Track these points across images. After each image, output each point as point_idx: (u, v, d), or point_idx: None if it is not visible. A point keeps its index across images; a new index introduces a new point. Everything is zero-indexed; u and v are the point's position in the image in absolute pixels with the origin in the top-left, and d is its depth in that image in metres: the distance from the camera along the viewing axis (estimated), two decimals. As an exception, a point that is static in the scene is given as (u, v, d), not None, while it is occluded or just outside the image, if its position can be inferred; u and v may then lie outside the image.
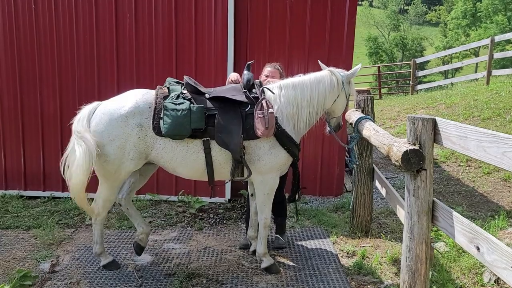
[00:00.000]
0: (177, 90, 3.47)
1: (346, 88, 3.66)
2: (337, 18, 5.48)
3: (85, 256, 4.01)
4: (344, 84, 3.63)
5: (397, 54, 49.10)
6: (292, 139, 3.47)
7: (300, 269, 3.79)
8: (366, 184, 4.41)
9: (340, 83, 3.61)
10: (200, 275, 3.64)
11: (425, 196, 2.52)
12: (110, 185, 3.51)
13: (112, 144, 3.34)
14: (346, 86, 3.65)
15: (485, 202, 5.35)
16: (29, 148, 5.76)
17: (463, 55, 38.50)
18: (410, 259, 2.63)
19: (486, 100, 9.18)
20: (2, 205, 5.38)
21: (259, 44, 5.58)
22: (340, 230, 4.61)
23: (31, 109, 5.68)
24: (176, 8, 5.40)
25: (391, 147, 2.74)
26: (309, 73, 3.69)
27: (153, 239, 4.43)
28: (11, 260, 3.90)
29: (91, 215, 3.69)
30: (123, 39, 5.49)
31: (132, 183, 3.81)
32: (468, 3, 47.18)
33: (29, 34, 5.55)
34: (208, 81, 5.15)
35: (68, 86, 5.61)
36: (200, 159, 3.41)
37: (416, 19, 60.43)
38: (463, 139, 2.19)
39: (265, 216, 3.65)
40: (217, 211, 5.31)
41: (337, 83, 3.60)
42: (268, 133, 3.28)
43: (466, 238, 2.20)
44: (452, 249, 3.86)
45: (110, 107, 3.41)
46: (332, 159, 5.76)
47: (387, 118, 10.49)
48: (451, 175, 6.36)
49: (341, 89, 3.62)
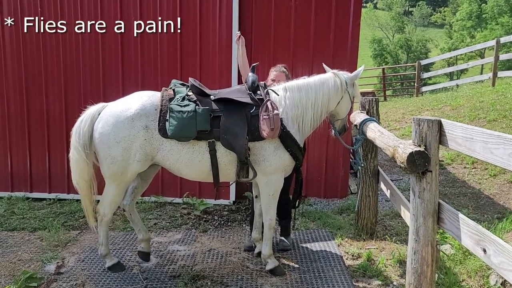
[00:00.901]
0: (182, 92, 3.49)
1: (350, 90, 3.66)
2: (341, 20, 5.48)
3: (90, 258, 4.02)
4: (347, 86, 3.63)
5: (401, 56, 48.94)
6: (296, 142, 3.47)
7: (305, 271, 3.78)
8: (371, 186, 4.39)
9: (343, 85, 3.61)
10: (205, 277, 3.64)
11: (430, 198, 2.50)
12: (116, 187, 3.52)
13: (118, 146, 3.36)
14: (349, 88, 3.65)
15: (491, 204, 5.31)
16: (35, 151, 5.80)
17: (468, 56, 38.34)
18: (415, 262, 2.61)
19: (492, 101, 9.13)
20: (8, 207, 5.41)
21: (264, 46, 5.58)
22: (345, 232, 4.59)
23: (37, 113, 5.72)
24: (180, 10, 5.41)
25: (396, 148, 2.72)
26: (314, 75, 3.70)
27: (158, 241, 4.44)
28: (17, 262, 3.92)
29: (89, 222, 3.73)
30: (128, 43, 5.52)
31: (134, 188, 3.83)
32: (473, 5, 47.02)
33: (35, 38, 5.59)
34: (212, 84, 5.17)
35: (74, 89, 5.64)
36: (205, 160, 3.42)
37: (421, 20, 60.29)
38: (469, 140, 2.18)
39: (270, 218, 3.65)
40: (222, 213, 5.31)
41: (340, 85, 3.60)
42: (273, 134, 3.29)
43: (473, 240, 2.19)
44: (458, 251, 3.84)
45: (116, 109, 3.43)
46: (336, 161, 5.74)
47: (392, 120, 10.46)
48: (457, 177, 6.32)
49: (345, 91, 3.63)
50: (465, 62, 31.45)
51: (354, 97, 3.75)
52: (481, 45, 16.24)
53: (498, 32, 38.64)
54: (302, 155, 3.59)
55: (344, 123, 3.86)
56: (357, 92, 3.79)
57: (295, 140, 3.46)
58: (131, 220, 3.91)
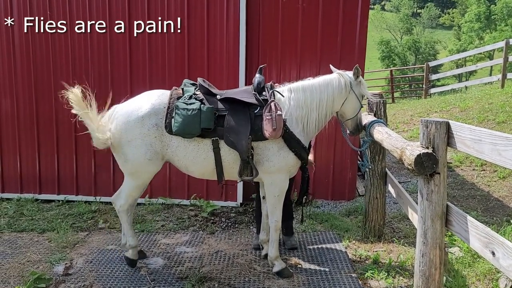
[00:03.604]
0: (190, 91, 3.56)
1: (357, 90, 3.64)
2: (349, 22, 5.46)
3: (98, 259, 4.04)
4: (352, 85, 3.61)
5: (410, 58, 48.73)
6: (300, 142, 3.48)
7: (312, 273, 3.77)
8: (379, 188, 4.37)
9: (348, 84, 3.60)
10: (212, 278, 3.64)
11: (438, 200, 2.49)
12: (134, 182, 3.64)
13: (130, 145, 3.47)
14: (355, 87, 3.63)
15: (500, 206, 5.26)
16: (44, 153, 5.84)
17: (477, 58, 38.08)
18: (423, 264, 2.60)
19: (501, 103, 9.05)
20: (17, 208, 5.46)
21: (271, 48, 5.58)
22: (353, 235, 4.57)
23: (46, 116, 5.76)
24: (188, 13, 5.44)
25: (404, 150, 2.71)
26: (319, 76, 3.71)
27: (166, 242, 4.45)
28: (25, 263, 3.95)
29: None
30: (136, 46, 5.56)
31: None
32: (482, 6, 46.70)
33: (44, 39, 5.64)
34: (220, 84, 5.18)
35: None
36: (209, 158, 3.48)
37: (429, 22, 60.03)
38: (477, 142, 2.16)
39: (276, 219, 3.66)
40: (229, 215, 5.32)
41: (345, 85, 3.59)
42: (275, 134, 3.31)
43: (481, 243, 2.17)
44: (467, 254, 3.81)
45: (127, 109, 3.54)
46: (344, 163, 5.72)
47: (400, 122, 10.41)
48: (465, 179, 6.27)
49: (349, 91, 3.61)
50: (473, 63, 31.21)
51: (363, 95, 3.71)
52: (490, 47, 16.12)
53: (507, 34, 38.34)
54: (307, 154, 3.60)
55: (356, 122, 3.77)
56: (365, 90, 3.73)
57: (298, 140, 3.47)
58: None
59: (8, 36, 5.68)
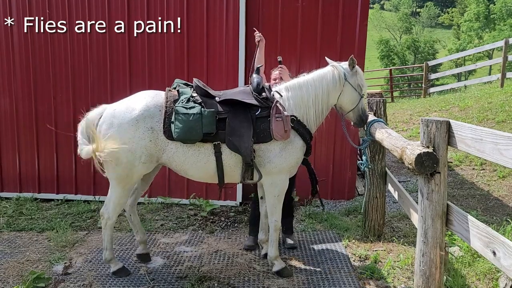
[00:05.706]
0: (187, 93, 3.46)
1: (352, 80, 3.58)
2: (348, 21, 5.46)
3: (97, 258, 4.03)
4: (346, 76, 3.58)
5: (409, 57, 48.73)
6: (309, 132, 3.53)
7: (312, 273, 3.76)
8: (379, 187, 4.37)
9: (341, 76, 3.56)
10: (212, 278, 3.64)
11: (439, 199, 2.49)
12: (121, 189, 3.48)
13: (123, 148, 3.29)
14: (350, 78, 3.58)
15: (500, 206, 5.26)
16: (43, 152, 5.83)
17: (476, 57, 38.09)
18: (424, 264, 2.59)
19: (500, 102, 9.05)
20: (16, 208, 5.45)
21: (271, 47, 5.56)
22: (352, 234, 4.57)
23: (45, 115, 5.76)
24: (188, 13, 5.43)
25: (404, 150, 2.71)
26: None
27: (165, 242, 4.45)
28: (25, 262, 3.94)
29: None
30: (136, 46, 5.54)
31: (135, 189, 3.84)
32: (481, 6, 46.72)
33: (43, 39, 5.63)
34: (219, 84, 5.19)
35: (81, 92, 5.67)
36: (211, 162, 3.41)
37: (428, 21, 60.07)
38: (478, 141, 2.16)
39: (276, 219, 3.64)
40: (229, 214, 5.31)
41: (338, 77, 3.56)
42: (287, 136, 3.32)
43: (482, 243, 2.17)
44: (467, 253, 3.81)
45: (120, 110, 3.38)
46: (344, 162, 5.72)
47: (399, 121, 10.41)
48: (465, 178, 6.27)
49: (344, 83, 3.57)
50: (473, 63, 31.23)
51: (360, 86, 3.62)
52: (490, 46, 16.09)
53: (506, 33, 38.35)
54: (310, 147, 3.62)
55: (358, 113, 3.68)
56: (362, 80, 3.65)
57: (305, 125, 3.50)
58: (130, 221, 3.93)
59: (7, 36, 5.67)
